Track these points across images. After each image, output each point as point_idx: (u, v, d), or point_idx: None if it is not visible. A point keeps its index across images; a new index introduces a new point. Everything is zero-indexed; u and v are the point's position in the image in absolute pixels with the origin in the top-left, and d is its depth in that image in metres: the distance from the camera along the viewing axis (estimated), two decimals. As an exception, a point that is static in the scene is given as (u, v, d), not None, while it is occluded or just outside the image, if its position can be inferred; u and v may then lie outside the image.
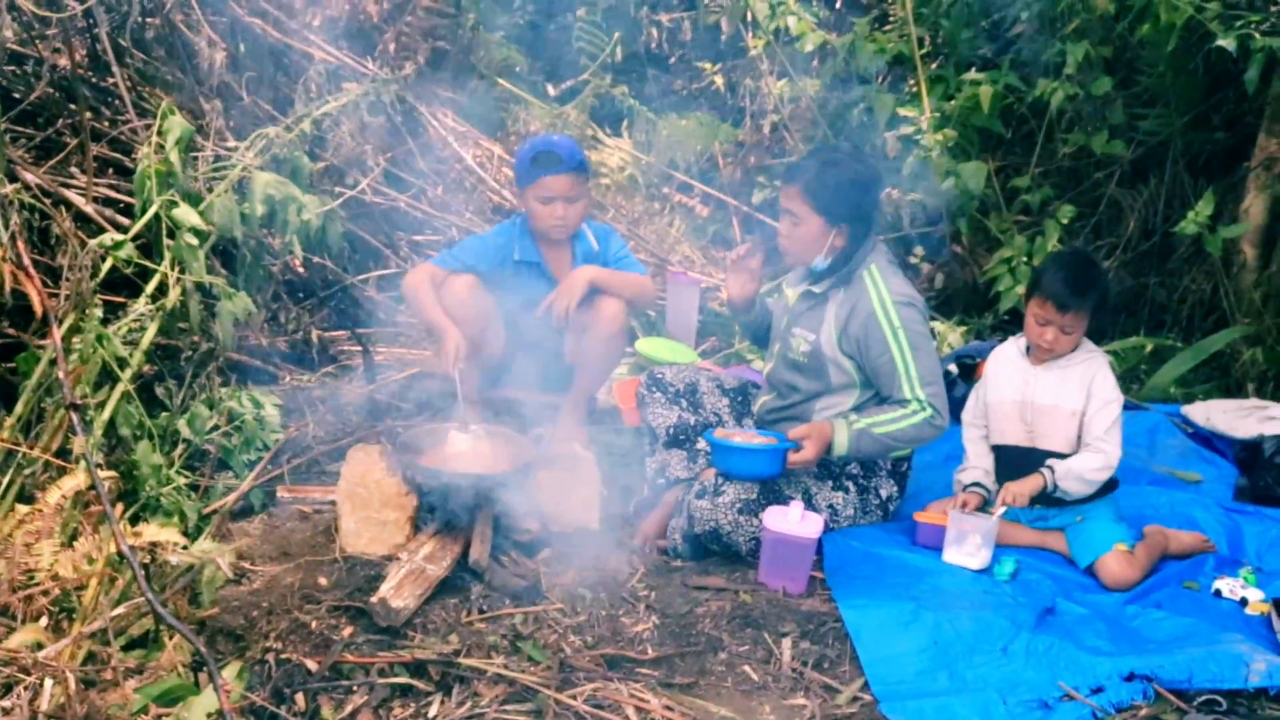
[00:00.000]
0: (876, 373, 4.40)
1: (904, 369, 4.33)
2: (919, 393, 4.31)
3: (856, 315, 4.41)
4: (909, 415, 4.31)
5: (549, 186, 4.96)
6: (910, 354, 4.33)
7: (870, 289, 4.41)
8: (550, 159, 4.95)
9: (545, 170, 4.94)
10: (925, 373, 4.35)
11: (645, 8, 9.15)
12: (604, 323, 4.99)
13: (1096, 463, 4.36)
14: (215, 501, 4.45)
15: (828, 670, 3.74)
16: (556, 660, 3.65)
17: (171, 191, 4.50)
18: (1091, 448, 4.37)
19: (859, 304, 4.41)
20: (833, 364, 4.49)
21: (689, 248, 7.90)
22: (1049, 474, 4.36)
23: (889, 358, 4.34)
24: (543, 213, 5.01)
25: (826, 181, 4.40)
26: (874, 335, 4.36)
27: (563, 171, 4.96)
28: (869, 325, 4.37)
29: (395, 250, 6.63)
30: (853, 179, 4.41)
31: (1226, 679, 3.62)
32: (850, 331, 4.42)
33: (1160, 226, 7.23)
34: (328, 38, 6.72)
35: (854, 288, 4.45)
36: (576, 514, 4.46)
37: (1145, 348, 6.81)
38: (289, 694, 3.49)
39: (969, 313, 7.36)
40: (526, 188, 5.02)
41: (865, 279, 4.43)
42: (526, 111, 7.88)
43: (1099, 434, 4.37)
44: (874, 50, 7.45)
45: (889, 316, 4.35)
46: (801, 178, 4.44)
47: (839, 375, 4.50)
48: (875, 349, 4.37)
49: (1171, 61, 6.78)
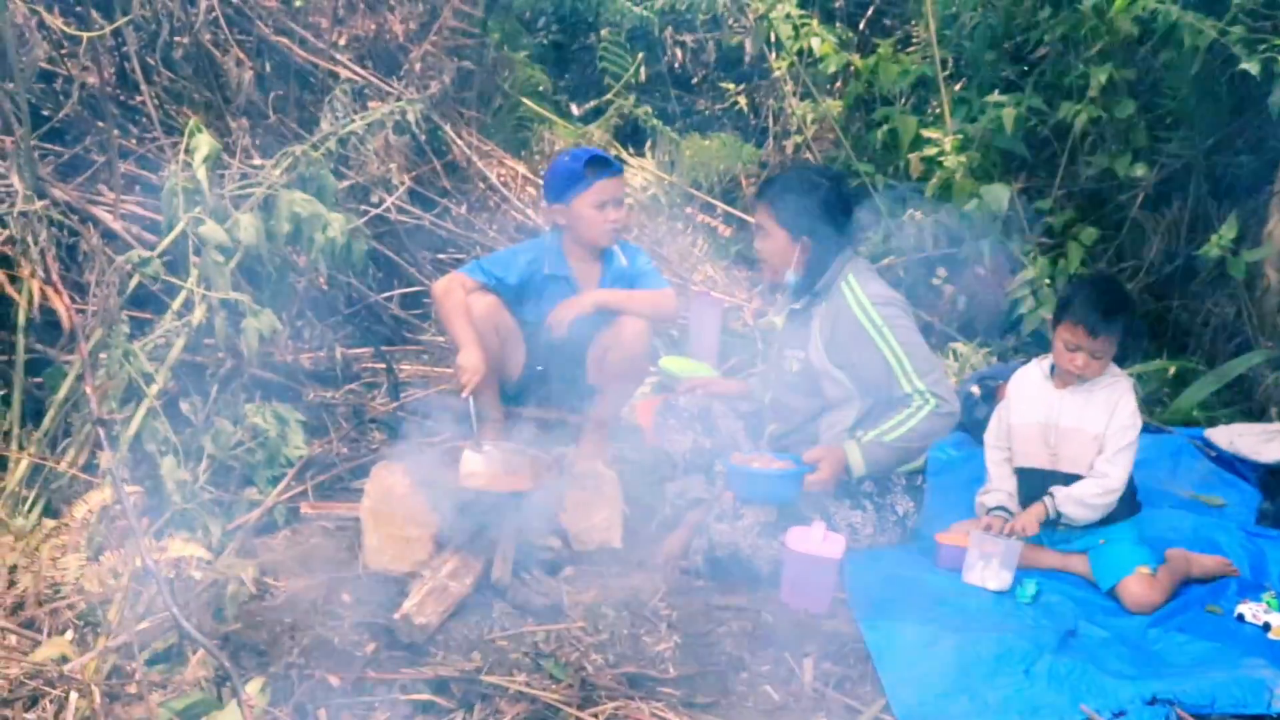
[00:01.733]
0: (873, 377, 4.44)
1: (898, 365, 4.38)
2: (919, 384, 4.35)
3: (840, 324, 4.48)
4: (915, 413, 4.35)
5: (605, 190, 5.00)
6: (900, 349, 4.39)
7: (849, 296, 4.49)
8: (602, 163, 5.03)
9: (601, 174, 4.98)
10: (921, 364, 4.40)
11: (669, 28, 9.18)
12: (626, 342, 4.99)
13: (1097, 489, 4.36)
14: (239, 517, 4.47)
15: (849, 691, 3.73)
16: (578, 678, 3.66)
17: (198, 209, 4.53)
18: (1095, 472, 4.37)
19: (840, 314, 4.49)
20: (825, 377, 4.54)
21: (711, 267, 7.91)
22: (1050, 501, 4.37)
23: (880, 358, 4.40)
24: (597, 219, 5.02)
25: (788, 198, 4.57)
26: (860, 340, 4.43)
27: (615, 174, 5.04)
28: (853, 331, 4.44)
29: (419, 268, 6.65)
30: (813, 195, 4.53)
31: (1249, 704, 3.61)
32: (837, 341, 4.48)
33: (1183, 250, 7.20)
34: (354, 57, 6.76)
35: (834, 299, 4.53)
36: (599, 532, 4.47)
37: (1168, 371, 6.79)
38: (312, 710, 3.49)
39: (991, 335, 7.34)
40: (578, 196, 5.01)
41: (843, 289, 4.52)
42: (551, 131, 7.91)
43: (1106, 457, 4.37)
44: (897, 72, 7.46)
45: (870, 318, 4.42)
46: (767, 194, 4.65)
47: (834, 388, 4.54)
48: (865, 353, 4.42)
49: (1195, 85, 6.77)
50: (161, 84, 5.90)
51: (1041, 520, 4.39)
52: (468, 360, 4.81)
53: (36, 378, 4.45)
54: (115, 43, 5.64)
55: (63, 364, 4.37)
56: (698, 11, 8.64)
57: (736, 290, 7.78)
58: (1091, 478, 4.38)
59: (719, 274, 7.89)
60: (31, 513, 3.99)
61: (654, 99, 9.05)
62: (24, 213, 4.15)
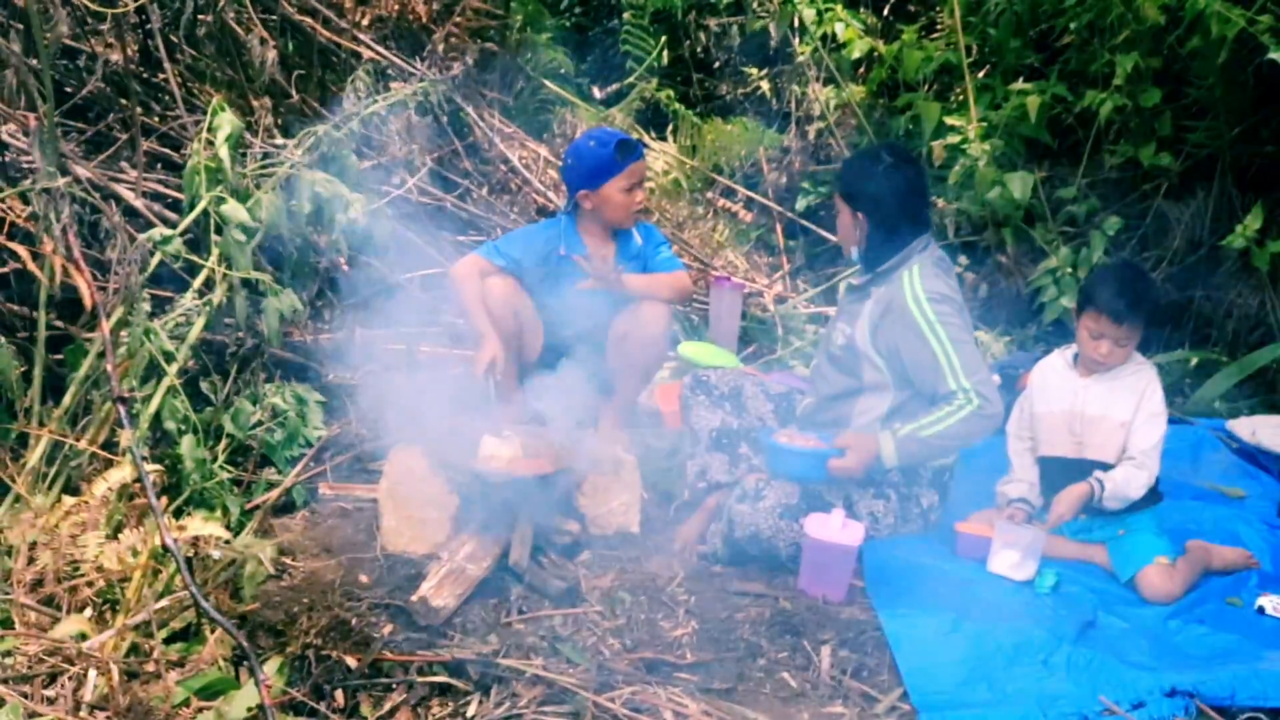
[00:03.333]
0: (918, 368, 4.38)
1: (945, 361, 4.31)
2: (964, 382, 4.28)
3: (891, 311, 4.42)
4: (955, 411, 4.28)
5: (636, 172, 5.04)
6: (950, 345, 4.31)
7: (905, 286, 4.41)
8: (631, 146, 5.05)
9: (630, 157, 5.00)
10: (968, 362, 4.32)
11: (693, 12, 9.16)
12: (646, 325, 5.00)
13: (1142, 479, 4.35)
14: (258, 497, 4.48)
15: (866, 679, 3.72)
16: (595, 663, 3.66)
17: (220, 188, 4.53)
18: (1136, 462, 4.35)
19: (894, 300, 4.42)
20: (866, 360, 4.50)
21: (732, 253, 7.89)
22: (1098, 487, 4.33)
23: (929, 351, 4.33)
24: (625, 201, 5.05)
25: (849, 171, 4.59)
26: (910, 330, 4.36)
27: (642, 157, 5.07)
28: (904, 319, 4.38)
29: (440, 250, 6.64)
30: (875, 172, 4.48)
31: (1270, 697, 3.60)
32: (884, 327, 4.43)
33: (1207, 240, 7.17)
34: (377, 37, 6.75)
35: (891, 285, 4.46)
36: (617, 517, 4.47)
37: (1190, 362, 6.77)
38: (329, 690, 3.51)
39: (1012, 324, 7.32)
40: (608, 180, 5.02)
41: (904, 277, 4.44)
42: (573, 114, 7.89)
43: (1146, 448, 4.35)
44: (921, 58, 7.43)
45: (923, 311, 4.35)
46: (842, 167, 4.69)
47: (872, 373, 4.51)
48: (913, 344, 4.36)
49: (1222, 74, 6.72)
50: (185, 62, 5.90)
51: (1084, 502, 4.35)
52: (483, 345, 4.83)
53: (57, 355, 4.46)
54: (139, 20, 5.64)
55: (84, 341, 4.37)
56: (722, -4, 8.64)
57: (757, 276, 7.76)
58: (1133, 466, 4.35)
59: (740, 259, 7.87)
60: (51, 490, 4.00)
61: (676, 83, 9.03)
62: (46, 190, 4.14)
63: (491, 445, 4.45)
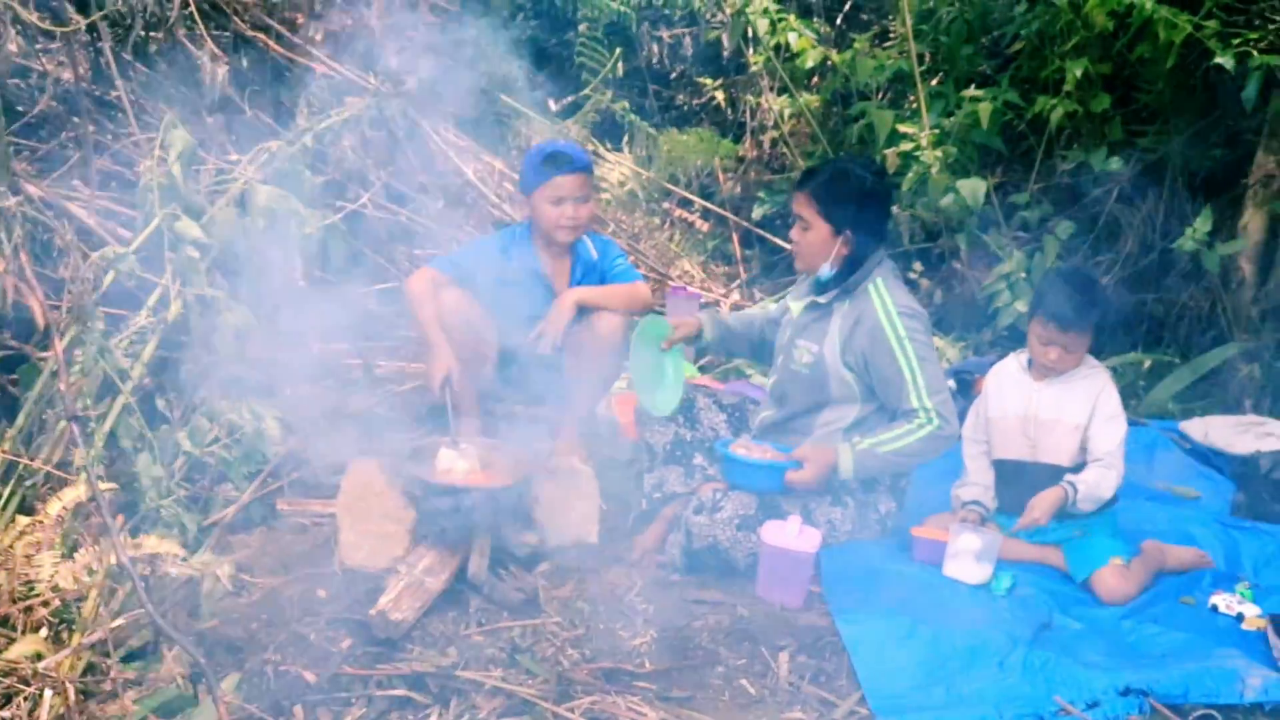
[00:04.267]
0: (884, 384, 4.41)
1: (911, 378, 4.34)
2: (926, 402, 4.32)
3: (861, 326, 4.43)
4: (915, 430, 4.32)
5: (562, 186, 4.99)
6: (917, 363, 4.35)
7: (875, 300, 4.43)
8: (562, 158, 5.00)
9: (558, 169, 4.97)
10: (932, 381, 4.36)
11: (646, 24, 9.18)
12: (602, 337, 5.00)
13: (1112, 479, 4.39)
14: (215, 514, 4.46)
15: (824, 684, 3.74)
16: (554, 673, 3.67)
17: (174, 205, 4.52)
18: (1104, 463, 4.38)
19: (864, 315, 4.44)
20: (834, 376, 4.50)
21: (689, 263, 7.93)
22: (1071, 490, 4.36)
23: (896, 368, 4.36)
24: (554, 214, 5.03)
25: (835, 189, 4.46)
26: (880, 346, 4.38)
27: (574, 171, 5.00)
28: (875, 335, 4.39)
29: (396, 264, 6.64)
30: (861, 189, 4.46)
31: (1222, 694, 3.64)
32: (855, 343, 4.44)
33: (1159, 243, 7.24)
34: (330, 52, 6.74)
35: (859, 300, 4.47)
36: (575, 528, 4.47)
37: (1143, 364, 6.83)
38: (288, 706, 3.50)
39: (967, 328, 7.37)
40: (536, 190, 5.03)
41: (870, 291, 4.46)
42: (528, 126, 7.90)
43: (1110, 449, 4.39)
44: (874, 66, 7.47)
45: (894, 327, 4.37)
46: (812, 183, 4.51)
47: (840, 388, 4.52)
48: (882, 359, 4.38)
49: (1170, 79, 6.80)
50: (137, 79, 5.88)
51: (1058, 507, 4.39)
52: (435, 360, 4.82)
53: (10, 374, 4.44)
54: (90, 38, 5.62)
55: (37, 360, 4.35)
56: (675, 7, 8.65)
57: (714, 284, 7.79)
58: (1102, 467, 4.39)
59: (696, 268, 7.90)
60: (5, 509, 3.97)
61: (631, 94, 9.06)
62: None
63: (448, 458, 4.45)
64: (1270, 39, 6.20)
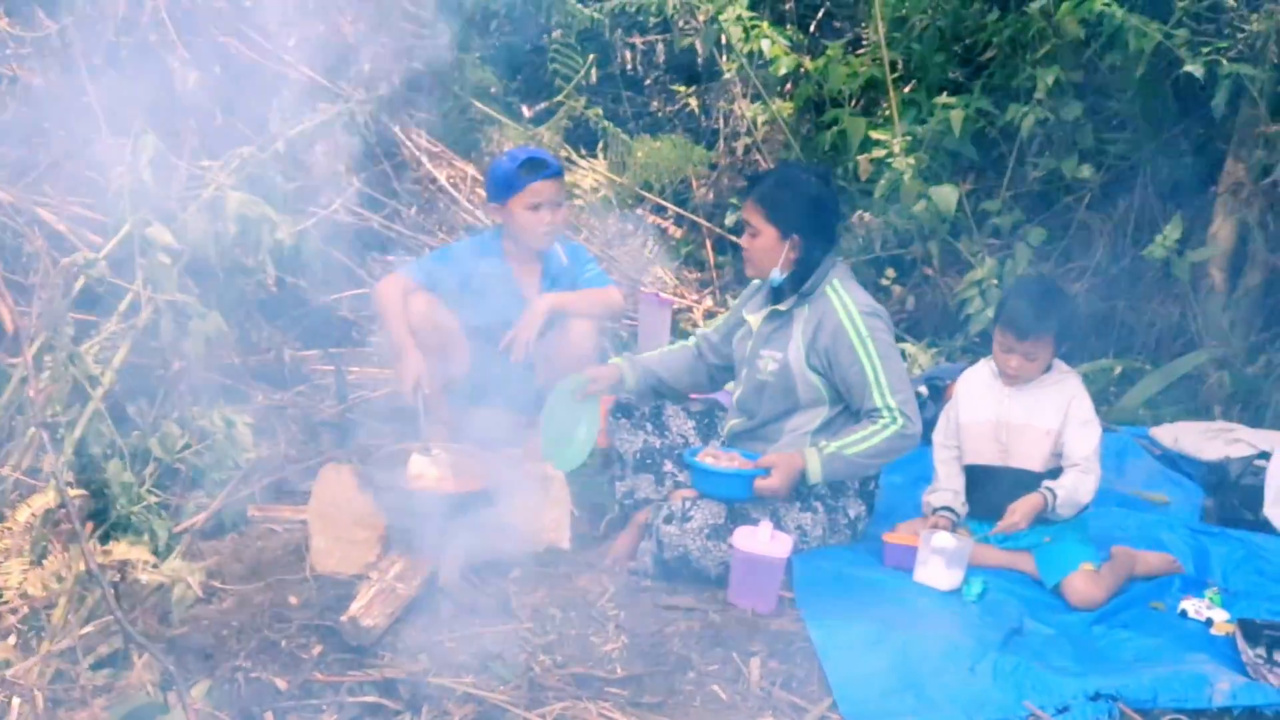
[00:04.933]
0: (847, 385, 4.43)
1: (874, 378, 4.36)
2: (889, 401, 4.34)
3: (824, 328, 4.45)
4: (880, 430, 4.34)
5: (539, 192, 5.00)
6: (880, 363, 4.37)
7: (835, 302, 4.46)
8: (538, 164, 5.02)
9: (535, 175, 4.99)
10: (895, 381, 4.38)
11: (620, 30, 9.19)
12: (574, 342, 5.02)
13: (1090, 483, 4.41)
14: (186, 520, 4.44)
15: (796, 690, 3.74)
16: (526, 679, 3.66)
17: (145, 210, 4.50)
18: (1081, 468, 4.40)
19: (825, 317, 4.46)
20: (801, 381, 4.52)
21: (662, 269, 7.93)
22: (1050, 496, 4.37)
23: (859, 368, 4.38)
24: (531, 220, 5.04)
25: (780, 194, 4.51)
26: (842, 346, 4.40)
27: (550, 176, 5.03)
28: (837, 336, 4.41)
29: (368, 270, 6.63)
30: (806, 193, 4.51)
31: (1191, 699, 3.65)
32: (819, 345, 4.45)
33: (1129, 250, 7.28)
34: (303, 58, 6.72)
35: (818, 303, 4.49)
36: (547, 534, 4.47)
37: (1114, 370, 6.86)
38: (258, 712, 3.49)
39: (939, 335, 7.39)
40: (512, 197, 5.04)
41: (829, 293, 4.49)
42: (501, 132, 7.90)
43: (1087, 454, 4.41)
44: (847, 74, 7.50)
45: (856, 326, 4.40)
46: (758, 190, 4.55)
47: (808, 392, 4.53)
48: (845, 360, 4.40)
49: (1140, 87, 6.84)
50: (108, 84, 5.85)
51: (1039, 512, 4.40)
52: (405, 365, 4.82)
53: (-21, 381, 4.41)
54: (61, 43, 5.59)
55: (6, 367, 4.33)
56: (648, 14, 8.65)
57: (687, 291, 7.80)
58: (1079, 472, 4.40)
59: (669, 275, 7.91)
60: (-26, 517, 3.96)
61: (605, 101, 9.06)
62: (-33, 215, 4.11)
63: (419, 464, 4.45)
64: (1239, 48, 6.25)
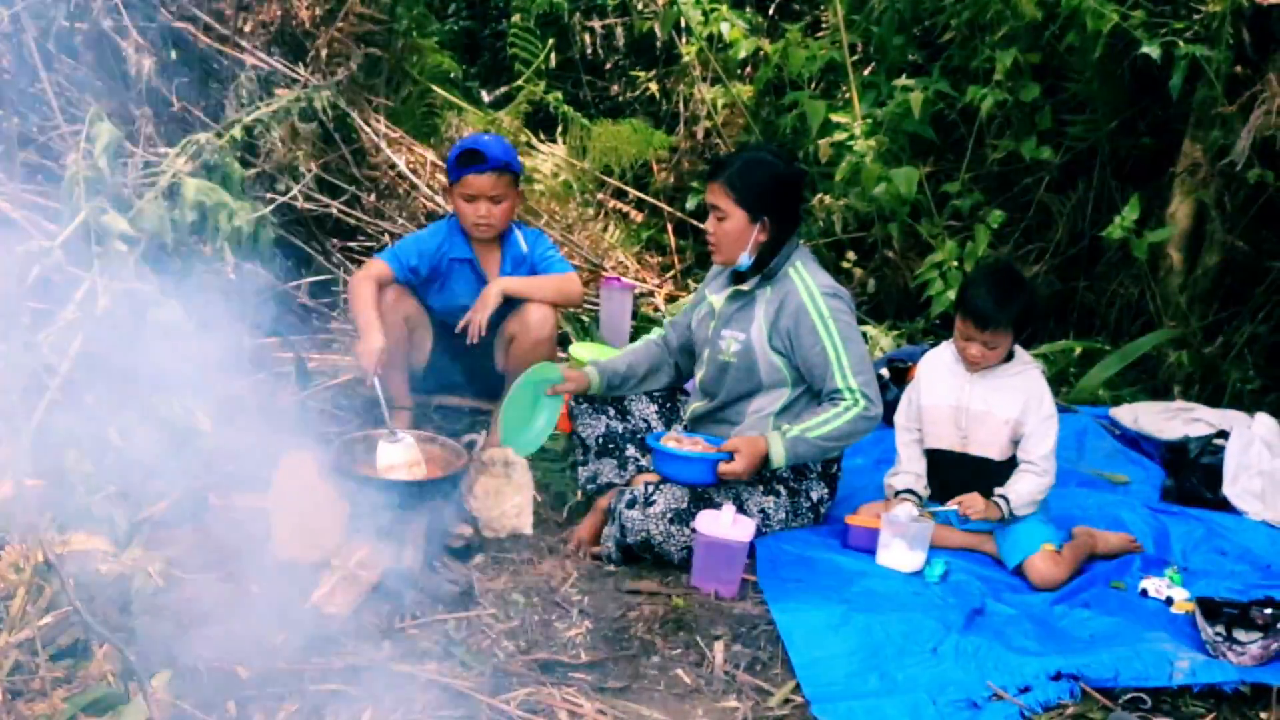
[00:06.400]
0: (809, 366, 4.43)
1: (835, 359, 4.36)
2: (851, 383, 4.35)
3: (786, 309, 4.45)
4: (842, 412, 4.34)
5: (471, 185, 5.01)
6: (841, 344, 4.38)
7: (798, 282, 4.46)
8: (474, 157, 5.00)
9: (469, 168, 4.98)
10: (856, 362, 4.39)
11: (579, 14, 9.17)
12: (532, 327, 5.02)
13: (1044, 484, 4.43)
14: (146, 509, 4.41)
15: (760, 673, 3.76)
16: (489, 665, 3.66)
17: (100, 198, 4.46)
18: (1037, 469, 4.42)
19: (787, 298, 4.46)
20: (763, 361, 4.52)
21: (623, 253, 7.92)
22: (1005, 505, 4.40)
23: (820, 348, 4.38)
24: (466, 210, 5.05)
25: (749, 176, 4.47)
26: (804, 326, 4.41)
27: (486, 170, 5.00)
28: (799, 317, 4.42)
29: (327, 257, 6.60)
30: (774, 174, 4.49)
31: (1151, 677, 3.70)
32: (780, 326, 4.46)
33: (1088, 231, 7.32)
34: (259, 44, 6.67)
35: (781, 284, 4.50)
36: (509, 519, 4.46)
37: (1074, 351, 6.90)
38: (220, 702, 3.46)
39: (900, 317, 7.41)
40: (453, 185, 5.08)
41: (792, 274, 4.49)
42: (460, 118, 7.86)
43: (1044, 453, 4.43)
44: (806, 57, 7.48)
45: (818, 307, 4.40)
46: (725, 172, 4.51)
47: (770, 373, 4.53)
48: (806, 340, 4.40)
49: (1098, 68, 6.86)
50: (62, 71, 5.80)
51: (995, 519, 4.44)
52: (366, 344, 4.79)
53: (-66, 371, 4.37)
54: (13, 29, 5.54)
55: (-39, 357, 4.29)
56: (607, -3, 8.66)
57: (648, 275, 7.80)
58: (1034, 474, 4.43)
59: (630, 259, 7.90)
60: (-70, 508, 3.92)
61: (565, 85, 9.04)
62: (-81, 203, 4.07)
63: (388, 453, 4.43)
64: (1196, 29, 6.28)
